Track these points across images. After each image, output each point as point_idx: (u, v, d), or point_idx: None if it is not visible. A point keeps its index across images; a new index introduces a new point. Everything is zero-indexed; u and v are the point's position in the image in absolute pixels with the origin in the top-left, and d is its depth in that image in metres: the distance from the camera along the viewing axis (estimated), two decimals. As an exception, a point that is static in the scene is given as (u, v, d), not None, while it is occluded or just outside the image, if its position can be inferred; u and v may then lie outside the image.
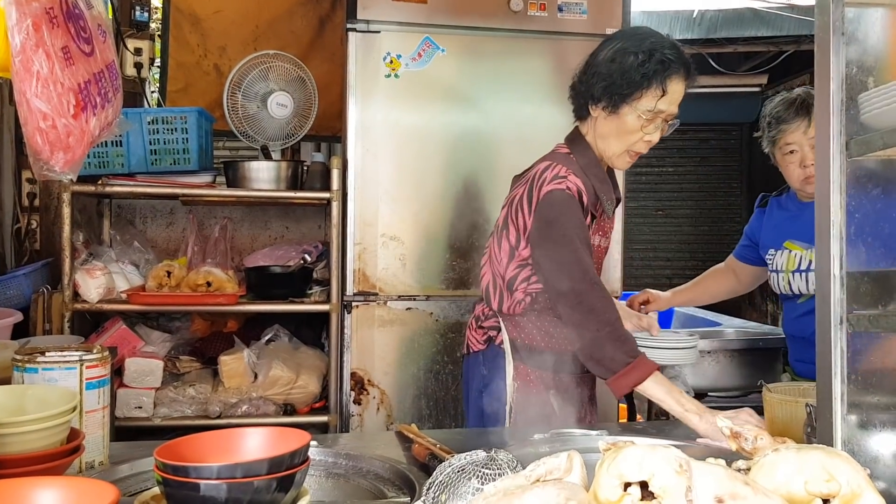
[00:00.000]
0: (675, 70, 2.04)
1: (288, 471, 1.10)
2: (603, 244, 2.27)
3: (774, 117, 2.56)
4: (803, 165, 2.49)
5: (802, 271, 2.55)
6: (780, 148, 2.55)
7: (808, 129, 2.47)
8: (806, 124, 2.48)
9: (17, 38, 1.58)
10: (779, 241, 2.65)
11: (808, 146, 2.47)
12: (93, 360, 1.65)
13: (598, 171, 2.17)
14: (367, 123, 3.21)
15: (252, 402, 3.27)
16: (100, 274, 3.23)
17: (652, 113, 2.04)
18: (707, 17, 5.50)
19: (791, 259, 2.58)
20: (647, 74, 2.02)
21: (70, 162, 1.75)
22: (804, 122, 2.48)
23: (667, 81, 2.03)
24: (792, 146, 2.52)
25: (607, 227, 2.27)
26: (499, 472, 1.30)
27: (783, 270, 2.60)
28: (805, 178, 2.50)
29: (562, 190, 2.06)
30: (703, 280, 3.05)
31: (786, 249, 2.61)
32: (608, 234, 2.29)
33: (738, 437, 1.22)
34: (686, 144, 7.62)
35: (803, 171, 2.50)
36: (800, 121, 2.49)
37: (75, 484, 1.06)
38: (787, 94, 2.58)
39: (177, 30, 4.16)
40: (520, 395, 2.17)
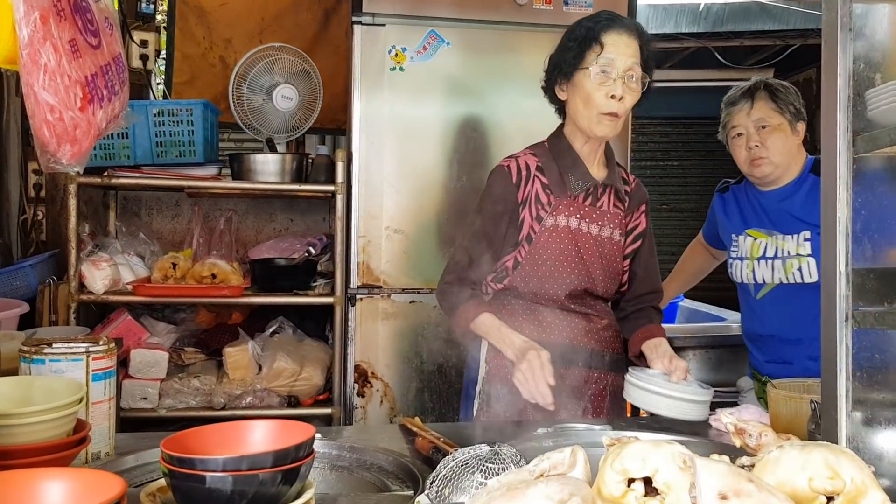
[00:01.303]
0: (605, 25, 2.13)
1: (293, 464, 1.10)
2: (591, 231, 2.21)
3: (725, 101, 2.61)
4: (748, 147, 2.51)
5: (768, 259, 2.53)
6: (728, 132, 2.59)
7: (752, 110, 2.50)
8: (749, 106, 2.51)
9: (24, 30, 1.58)
10: (740, 228, 2.64)
11: (753, 127, 2.50)
12: (99, 352, 1.66)
13: (570, 154, 2.22)
14: (371, 116, 3.20)
15: (256, 393, 3.28)
16: (105, 265, 3.24)
17: (600, 68, 2.10)
18: (713, 10, 5.47)
19: (755, 246, 2.57)
20: (579, 37, 2.15)
21: (77, 154, 1.75)
22: (748, 103, 2.52)
23: (600, 35, 2.12)
24: (738, 128, 2.54)
25: (596, 215, 2.22)
26: (502, 467, 1.30)
27: (747, 258, 2.58)
28: (751, 161, 2.51)
29: (499, 166, 2.26)
30: (685, 265, 3.07)
31: (749, 236, 2.60)
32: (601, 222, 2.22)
33: (743, 434, 1.22)
34: (691, 139, 7.59)
35: (748, 153, 2.52)
36: (744, 102, 2.53)
37: (82, 476, 1.07)
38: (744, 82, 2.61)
39: (182, 22, 4.16)
40: (489, 378, 2.23)
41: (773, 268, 2.52)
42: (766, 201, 2.59)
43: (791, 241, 2.49)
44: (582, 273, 2.20)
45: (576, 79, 2.15)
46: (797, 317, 2.49)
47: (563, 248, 2.18)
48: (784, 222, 2.53)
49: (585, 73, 2.12)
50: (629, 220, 2.31)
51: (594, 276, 2.22)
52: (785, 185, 2.55)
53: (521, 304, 2.22)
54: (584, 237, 2.20)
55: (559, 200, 2.19)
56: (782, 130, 2.49)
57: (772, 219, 2.56)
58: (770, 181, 2.54)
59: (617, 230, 2.26)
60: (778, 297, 2.53)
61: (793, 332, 2.50)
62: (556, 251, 2.18)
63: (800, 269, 2.46)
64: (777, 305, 2.53)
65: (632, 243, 2.31)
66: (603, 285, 2.24)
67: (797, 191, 2.53)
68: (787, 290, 2.50)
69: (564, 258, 2.18)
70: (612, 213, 2.26)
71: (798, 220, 2.49)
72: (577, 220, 2.20)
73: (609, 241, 2.25)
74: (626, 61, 2.10)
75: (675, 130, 7.64)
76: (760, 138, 2.49)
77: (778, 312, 2.53)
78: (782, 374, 2.52)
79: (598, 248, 2.22)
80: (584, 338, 2.22)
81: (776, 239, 2.52)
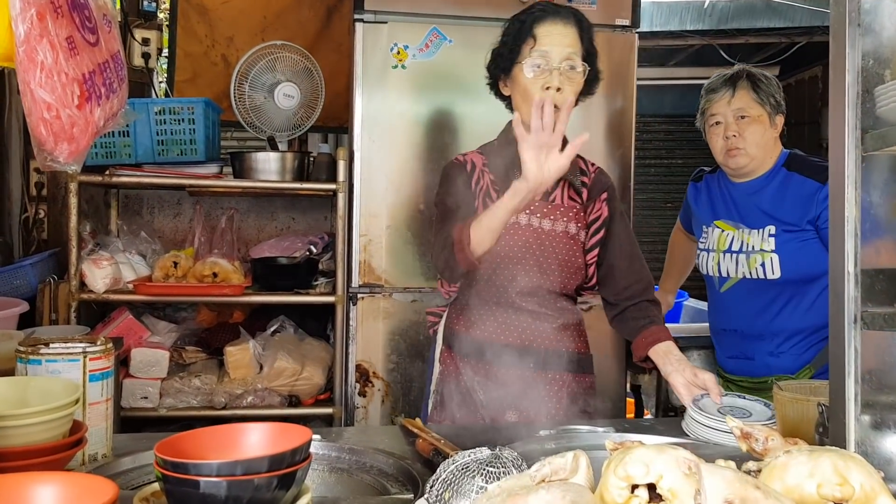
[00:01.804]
0: (538, 17, 2.09)
1: (289, 468, 1.08)
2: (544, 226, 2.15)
3: (705, 88, 2.57)
4: (725, 136, 2.47)
5: (733, 252, 2.50)
6: (707, 119, 2.55)
7: (732, 99, 2.46)
8: (730, 95, 2.47)
9: (20, 27, 1.56)
10: (710, 219, 2.61)
11: (732, 117, 2.46)
12: (96, 352, 1.64)
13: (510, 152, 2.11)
14: (373, 114, 3.18)
15: (257, 393, 3.26)
16: (106, 264, 3.23)
17: (534, 62, 2.06)
18: (718, 7, 5.45)
19: (722, 238, 2.54)
20: (513, 31, 2.12)
21: (74, 153, 1.73)
22: (728, 92, 2.47)
23: (532, 27, 2.08)
24: (717, 117, 2.50)
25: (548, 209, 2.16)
26: (503, 471, 1.28)
27: (714, 250, 2.56)
28: (728, 151, 2.47)
29: (452, 161, 2.25)
30: (673, 257, 3.06)
31: (717, 228, 2.57)
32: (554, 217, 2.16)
33: (749, 438, 1.20)
34: (696, 136, 7.56)
35: (725, 142, 2.48)
36: (724, 90, 2.48)
37: (75, 480, 1.05)
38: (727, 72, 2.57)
39: (185, 20, 4.15)
40: (442, 379, 2.20)
41: (737, 262, 2.49)
42: (736, 193, 2.56)
43: (756, 235, 2.46)
44: (535, 270, 2.12)
45: (513, 73, 2.11)
46: (759, 312, 2.48)
47: (514, 246, 2.12)
48: (751, 216, 2.50)
49: (521, 68, 2.08)
50: (589, 212, 2.22)
51: (549, 272, 2.14)
52: (756, 178, 2.51)
53: (477, 304, 2.17)
54: (536, 233, 2.14)
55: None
56: (761, 122, 2.46)
57: (740, 212, 2.53)
58: (744, 173, 2.51)
59: (573, 223, 2.18)
60: (741, 292, 2.51)
61: (754, 328, 2.50)
62: (507, 249, 2.11)
63: (762, 264, 2.43)
64: (740, 300, 2.52)
65: (594, 234, 2.21)
66: (560, 281, 2.16)
67: (767, 185, 2.49)
68: (750, 285, 2.48)
69: (515, 255, 2.12)
70: (567, 207, 2.19)
71: (765, 214, 2.46)
72: (526, 216, 2.13)
73: (564, 236, 2.16)
74: (562, 52, 2.05)
75: (680, 128, 7.61)
76: (739, 128, 2.46)
77: (740, 307, 2.52)
78: (743, 371, 2.55)
79: (552, 243, 2.14)
80: (540, 338, 2.15)
81: (742, 232, 2.50)
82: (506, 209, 1.89)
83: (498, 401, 2.10)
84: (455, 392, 2.15)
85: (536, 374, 2.13)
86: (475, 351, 2.15)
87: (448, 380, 2.19)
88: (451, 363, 2.20)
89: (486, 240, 1.94)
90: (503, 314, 2.15)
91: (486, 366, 2.14)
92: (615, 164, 3.39)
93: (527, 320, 2.15)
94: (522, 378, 2.12)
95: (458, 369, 2.18)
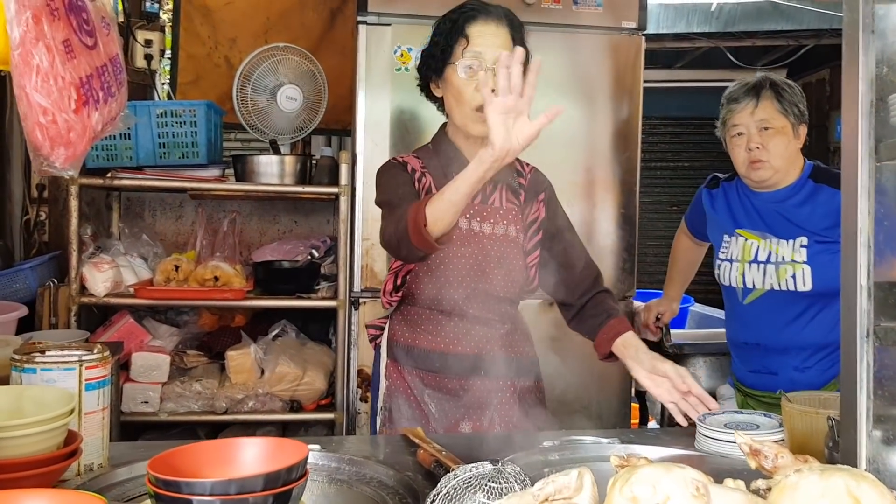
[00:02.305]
0: (470, 16, 2.03)
1: (284, 486, 1.05)
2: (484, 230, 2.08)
3: (727, 97, 2.47)
4: (748, 148, 2.39)
5: (760, 262, 2.42)
6: (728, 129, 2.46)
7: (756, 110, 2.38)
8: (753, 105, 2.38)
9: (16, 30, 1.54)
10: (731, 228, 2.52)
11: (755, 128, 2.38)
12: (93, 361, 1.61)
13: (452, 152, 2.10)
14: (377, 117, 3.16)
15: (258, 398, 3.24)
16: (107, 267, 3.21)
17: (467, 63, 2.00)
18: (725, 10, 5.41)
19: (747, 248, 2.45)
20: (444, 31, 2.05)
21: (71, 158, 1.70)
22: (752, 102, 2.38)
23: (464, 27, 2.02)
24: (739, 128, 2.41)
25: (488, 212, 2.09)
26: (506, 486, 1.25)
27: (737, 260, 2.47)
28: (750, 163, 2.39)
29: (390, 161, 2.16)
30: (678, 262, 2.97)
31: (740, 237, 2.48)
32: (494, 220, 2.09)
33: (758, 455, 1.17)
34: (703, 139, 7.52)
35: (748, 154, 2.39)
36: (747, 100, 2.39)
37: (63, 498, 1.02)
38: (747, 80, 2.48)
39: (187, 21, 4.13)
40: (389, 394, 2.13)
41: (764, 272, 2.41)
42: (758, 202, 2.48)
43: (786, 245, 2.39)
44: (478, 275, 2.05)
45: (446, 75, 2.04)
46: (785, 325, 2.39)
47: (456, 251, 2.04)
48: (779, 226, 2.42)
49: (454, 68, 2.01)
50: (527, 213, 2.16)
51: (492, 277, 2.07)
52: (781, 189, 2.44)
53: (421, 312, 2.10)
54: (478, 237, 2.07)
55: None
56: (785, 133, 2.38)
57: (766, 221, 2.45)
58: (767, 185, 2.44)
59: (513, 226, 2.11)
60: (766, 304, 2.42)
61: (779, 342, 2.41)
62: (449, 254, 2.03)
63: (794, 275, 2.35)
64: (765, 312, 2.43)
65: (533, 236, 2.15)
66: (503, 286, 2.09)
67: (793, 195, 2.42)
68: (777, 297, 2.39)
69: (458, 261, 2.04)
70: (506, 209, 2.12)
71: (795, 225, 2.39)
72: (466, 220, 2.06)
73: (505, 239, 2.09)
74: (496, 52, 1.96)
75: (686, 131, 7.57)
76: (762, 140, 2.37)
77: (765, 320, 2.43)
78: (766, 385, 2.45)
79: (494, 246, 2.07)
80: (488, 345, 2.08)
81: (770, 242, 2.42)
82: (468, 181, 1.74)
83: (450, 412, 2.06)
84: (405, 406, 2.08)
85: (487, 382, 2.07)
86: (422, 362, 2.09)
87: (396, 394, 2.11)
88: (398, 377, 2.12)
89: (446, 216, 1.79)
90: (448, 322, 2.07)
91: (435, 377, 2.09)
92: (621, 167, 3.37)
93: (473, 327, 2.07)
94: (473, 387, 2.06)
95: (406, 382, 2.11)
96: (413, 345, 2.11)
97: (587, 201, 3.35)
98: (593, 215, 3.36)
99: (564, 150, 3.29)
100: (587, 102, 3.34)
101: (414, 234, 1.80)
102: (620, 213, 3.39)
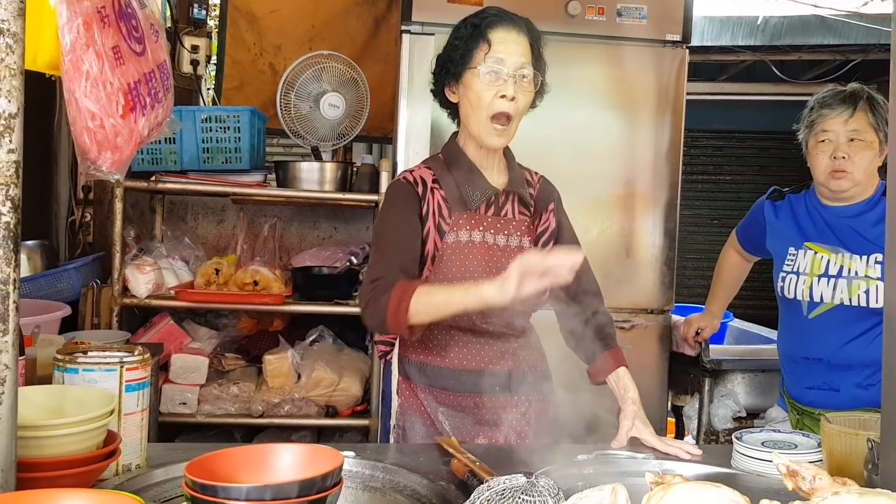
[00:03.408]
0: (493, 21, 2.00)
1: (319, 494, 1.06)
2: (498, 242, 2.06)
3: (818, 102, 2.41)
4: (833, 157, 2.34)
5: (831, 277, 2.36)
6: (815, 134, 2.39)
7: (850, 120, 2.32)
8: (848, 115, 2.33)
9: (67, 37, 1.57)
10: (799, 241, 2.47)
11: (845, 137, 2.33)
12: (133, 363, 1.63)
13: (465, 163, 2.07)
14: (418, 126, 3.17)
15: (294, 402, 3.26)
16: (149, 269, 3.26)
17: (489, 68, 1.97)
18: (771, 23, 5.35)
19: (816, 262, 2.40)
20: (465, 35, 2.01)
21: (118, 162, 1.74)
22: (847, 111, 2.33)
23: (487, 32, 1.98)
24: (828, 134, 2.36)
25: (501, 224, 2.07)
26: (539, 499, 1.25)
27: (805, 273, 2.41)
28: (832, 171, 2.34)
29: (397, 180, 2.12)
30: (724, 279, 2.91)
31: (809, 250, 2.43)
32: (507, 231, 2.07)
33: (796, 476, 1.15)
34: (745, 153, 7.45)
35: (832, 162, 2.34)
36: (843, 109, 2.34)
37: (104, 498, 1.04)
38: (842, 86, 2.43)
39: (233, 28, 4.18)
40: (402, 412, 2.10)
41: (834, 287, 2.35)
42: (829, 216, 2.43)
43: (859, 261, 2.33)
44: None
45: (465, 79, 2.01)
46: (851, 341, 2.34)
47: (469, 265, 2.01)
48: (852, 241, 2.37)
49: (474, 73, 1.98)
50: (537, 225, 2.14)
51: None
52: (854, 204, 2.40)
53: (433, 328, 2.02)
54: (491, 249, 2.04)
55: (459, 215, 2.03)
56: (872, 148, 2.33)
57: (838, 235, 2.40)
58: (843, 197, 2.39)
59: (525, 237, 2.09)
60: (833, 319, 2.37)
61: (843, 357, 2.35)
62: (462, 268, 2.00)
63: (867, 291, 2.30)
64: (831, 327, 2.38)
65: (544, 247, 2.13)
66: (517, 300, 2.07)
67: (866, 212, 2.37)
68: (846, 313, 2.34)
69: (471, 275, 1.99)
70: (519, 221, 2.10)
71: (869, 241, 2.34)
72: (480, 232, 2.04)
73: (518, 251, 2.04)
74: (517, 60, 1.96)
75: (729, 144, 7.49)
76: (849, 150, 2.32)
77: (831, 335, 2.37)
78: (827, 403, 2.37)
79: (508, 259, 1.95)
80: (503, 360, 2.06)
81: (841, 257, 2.36)
82: (462, 305, 1.79)
83: (465, 429, 2.04)
84: (418, 424, 2.06)
85: (501, 398, 2.04)
86: (435, 379, 2.06)
87: (409, 412, 2.09)
88: (411, 394, 2.09)
89: (427, 318, 1.83)
90: (461, 338, 2.05)
91: (449, 394, 2.06)
92: (662, 180, 3.34)
93: (486, 342, 2.05)
94: (487, 403, 2.03)
95: (419, 400, 2.08)
96: (425, 362, 2.07)
97: (627, 214, 3.33)
98: (633, 228, 3.33)
99: (606, 161, 3.27)
100: (629, 114, 3.32)
101: (391, 318, 1.82)
102: (661, 226, 3.36)
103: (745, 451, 1.76)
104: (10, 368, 1.14)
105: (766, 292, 2.95)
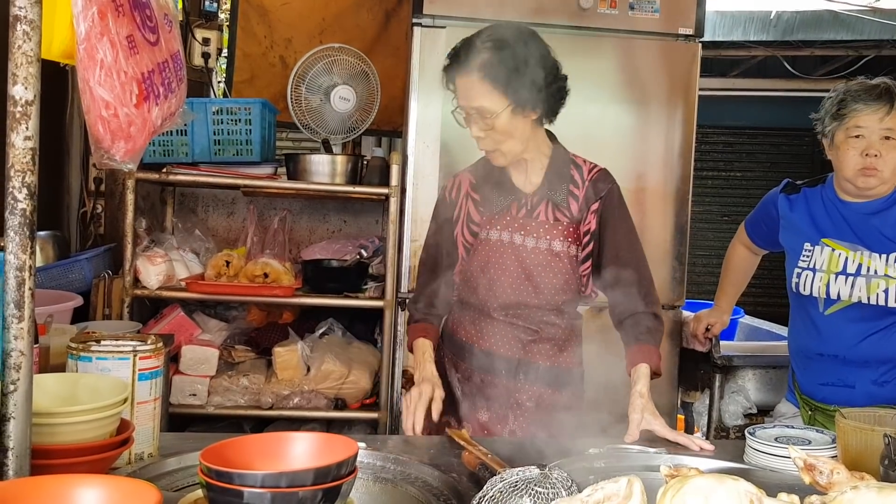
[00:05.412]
0: (452, 68, 2.09)
1: (334, 482, 1.06)
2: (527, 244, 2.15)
3: (851, 95, 2.33)
4: (865, 154, 2.27)
5: (849, 275, 2.32)
6: (846, 129, 2.31)
7: (886, 117, 2.26)
8: (885, 112, 2.26)
9: (82, 25, 1.57)
10: (815, 237, 2.42)
11: (878, 135, 2.26)
12: (146, 352, 1.64)
13: (496, 169, 2.19)
14: (428, 120, 3.16)
15: (304, 394, 3.27)
16: (160, 261, 3.26)
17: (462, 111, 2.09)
18: (784, 18, 5.32)
19: (834, 259, 2.35)
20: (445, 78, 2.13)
21: (131, 152, 1.73)
22: (884, 108, 2.26)
23: (450, 81, 2.10)
24: (861, 130, 2.28)
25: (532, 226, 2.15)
26: (553, 492, 1.24)
27: (822, 270, 2.37)
28: (862, 168, 2.28)
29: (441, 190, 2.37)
30: (732, 273, 2.88)
31: (826, 247, 2.38)
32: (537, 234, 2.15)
33: (813, 470, 1.14)
34: (756, 149, 7.42)
35: (863, 159, 2.27)
36: (879, 106, 2.27)
37: (118, 484, 1.04)
38: (868, 79, 2.38)
39: (244, 21, 4.18)
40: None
41: (852, 284, 2.32)
42: (847, 211, 2.39)
43: (879, 259, 2.30)
44: (516, 286, 2.15)
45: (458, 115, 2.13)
46: (867, 338, 2.31)
47: (493, 262, 2.17)
48: (872, 238, 2.33)
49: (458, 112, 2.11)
50: (580, 224, 2.18)
51: (533, 288, 2.15)
52: (873, 201, 2.35)
53: (468, 314, 2.25)
54: (518, 250, 2.15)
55: (490, 216, 2.19)
56: None
57: (857, 233, 2.36)
58: (867, 195, 2.35)
59: (558, 240, 2.15)
60: (850, 316, 2.33)
61: (858, 354, 2.32)
62: (486, 265, 2.18)
63: (886, 290, 2.27)
64: (848, 324, 2.34)
65: (585, 247, 2.18)
66: (548, 297, 2.16)
67: (887, 209, 2.33)
68: (863, 310, 2.31)
69: (495, 272, 2.17)
70: (553, 224, 2.16)
71: (890, 240, 2.30)
72: (508, 233, 2.16)
73: (548, 253, 2.14)
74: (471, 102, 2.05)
75: (739, 140, 7.47)
76: (882, 149, 2.27)
77: (846, 331, 2.34)
78: (842, 399, 2.33)
79: (533, 260, 2.15)
80: (521, 351, 2.19)
81: (860, 254, 2.33)
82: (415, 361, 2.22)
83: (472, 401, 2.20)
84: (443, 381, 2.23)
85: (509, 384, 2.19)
86: (457, 351, 2.28)
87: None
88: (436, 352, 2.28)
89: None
90: (483, 321, 2.22)
91: (464, 366, 2.25)
92: (673, 176, 3.33)
93: (510, 332, 2.20)
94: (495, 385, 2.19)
95: (442, 360, 2.29)
96: (452, 333, 2.30)
97: (638, 209, 3.31)
98: (644, 223, 3.31)
99: (617, 156, 3.25)
100: (641, 109, 3.31)
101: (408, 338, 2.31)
102: (672, 221, 3.35)
103: (758, 447, 1.75)
104: (26, 355, 1.15)
105: (775, 288, 2.94)
